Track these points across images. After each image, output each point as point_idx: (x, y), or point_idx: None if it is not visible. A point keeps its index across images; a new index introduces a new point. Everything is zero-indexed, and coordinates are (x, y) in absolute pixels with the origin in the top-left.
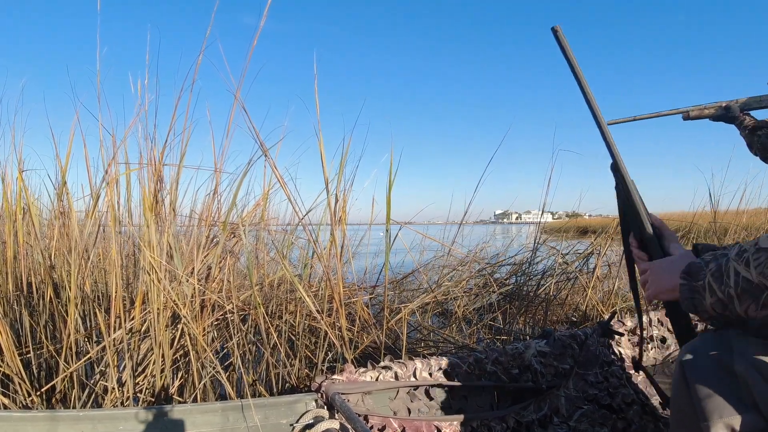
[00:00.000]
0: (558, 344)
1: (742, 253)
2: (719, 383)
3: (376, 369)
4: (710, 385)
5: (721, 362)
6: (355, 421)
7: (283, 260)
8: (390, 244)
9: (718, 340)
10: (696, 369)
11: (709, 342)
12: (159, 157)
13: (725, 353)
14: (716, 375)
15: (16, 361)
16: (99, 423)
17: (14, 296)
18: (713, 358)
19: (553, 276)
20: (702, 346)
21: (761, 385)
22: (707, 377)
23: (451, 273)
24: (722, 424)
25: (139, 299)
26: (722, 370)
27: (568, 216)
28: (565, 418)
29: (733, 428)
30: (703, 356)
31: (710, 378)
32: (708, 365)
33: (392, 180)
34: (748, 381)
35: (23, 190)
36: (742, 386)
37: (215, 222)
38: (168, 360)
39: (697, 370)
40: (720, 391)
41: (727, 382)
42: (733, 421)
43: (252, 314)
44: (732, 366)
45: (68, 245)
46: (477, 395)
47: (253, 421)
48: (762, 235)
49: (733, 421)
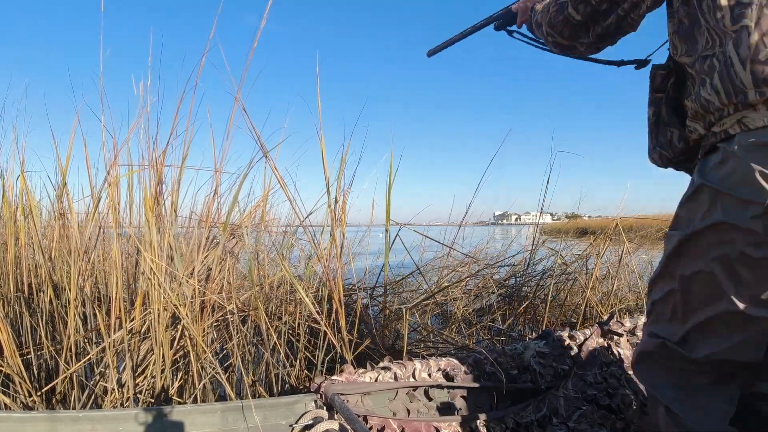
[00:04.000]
0: (557, 345)
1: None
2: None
3: (375, 370)
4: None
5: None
6: (354, 422)
7: (282, 261)
8: (390, 245)
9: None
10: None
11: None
12: (161, 158)
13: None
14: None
15: (17, 361)
16: (99, 424)
17: (15, 297)
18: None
19: (552, 277)
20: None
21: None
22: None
23: (451, 274)
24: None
25: (139, 300)
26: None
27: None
28: (564, 418)
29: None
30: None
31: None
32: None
33: (392, 180)
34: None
35: (25, 191)
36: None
37: (215, 223)
38: (168, 361)
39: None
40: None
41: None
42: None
43: (252, 315)
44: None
45: (68, 246)
46: (476, 396)
47: (252, 421)
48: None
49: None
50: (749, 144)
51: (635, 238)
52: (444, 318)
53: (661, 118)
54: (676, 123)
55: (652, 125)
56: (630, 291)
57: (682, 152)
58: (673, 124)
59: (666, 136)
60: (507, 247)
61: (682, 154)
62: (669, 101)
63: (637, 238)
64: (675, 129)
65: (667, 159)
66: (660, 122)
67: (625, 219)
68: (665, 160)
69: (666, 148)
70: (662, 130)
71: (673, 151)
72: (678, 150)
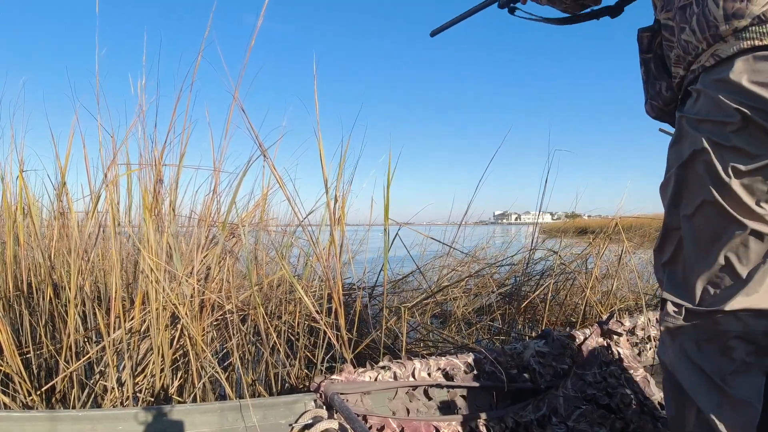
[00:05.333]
0: (556, 344)
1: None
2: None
3: (375, 369)
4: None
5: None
6: (353, 421)
7: (282, 261)
8: (389, 244)
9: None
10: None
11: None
12: (159, 157)
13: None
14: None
15: (17, 361)
16: (98, 423)
17: (14, 296)
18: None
19: (552, 276)
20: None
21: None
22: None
23: (451, 273)
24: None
25: (139, 299)
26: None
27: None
28: (563, 418)
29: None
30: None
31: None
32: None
33: (390, 178)
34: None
35: (23, 191)
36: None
37: (214, 222)
38: (167, 360)
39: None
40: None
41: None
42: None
43: (251, 314)
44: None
45: (68, 246)
46: (475, 395)
47: (251, 421)
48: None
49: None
50: (710, 81)
51: (635, 238)
52: (444, 317)
53: (651, 74)
54: (663, 76)
55: (644, 81)
56: (630, 290)
57: (671, 101)
58: (661, 77)
59: (656, 88)
60: (507, 246)
61: (671, 102)
62: (657, 59)
63: (637, 237)
64: (663, 81)
65: (658, 109)
66: (650, 77)
67: (625, 218)
68: (657, 110)
69: (656, 98)
70: (652, 83)
71: (662, 101)
72: (666, 99)
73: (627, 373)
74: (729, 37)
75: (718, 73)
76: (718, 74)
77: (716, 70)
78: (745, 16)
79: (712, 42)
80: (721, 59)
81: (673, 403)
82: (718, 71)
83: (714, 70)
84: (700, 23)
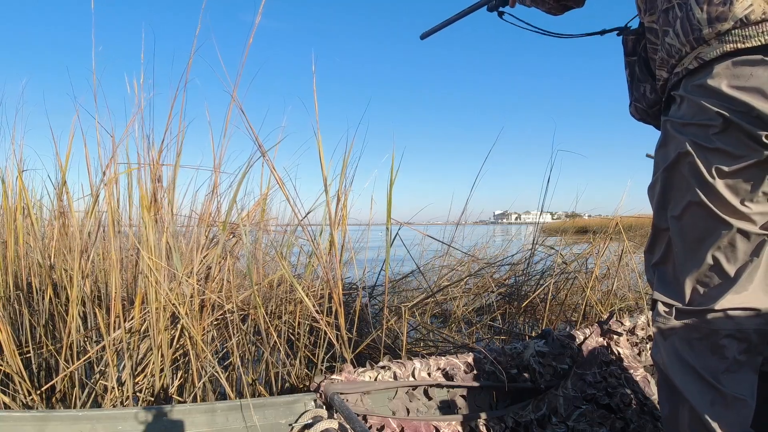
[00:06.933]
0: (557, 344)
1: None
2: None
3: (375, 369)
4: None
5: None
6: (353, 421)
7: (282, 260)
8: (390, 243)
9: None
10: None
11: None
12: (156, 156)
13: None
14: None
15: (17, 360)
16: (98, 423)
17: (14, 296)
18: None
19: (552, 276)
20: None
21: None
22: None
23: (451, 273)
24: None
25: (139, 299)
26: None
27: (567, 216)
28: (563, 417)
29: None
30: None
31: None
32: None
33: (393, 178)
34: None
35: (23, 190)
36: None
37: (214, 222)
38: (167, 360)
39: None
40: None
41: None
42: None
43: (251, 314)
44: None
45: (68, 245)
46: (475, 395)
47: (251, 420)
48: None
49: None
50: (692, 86)
51: (635, 237)
52: (444, 317)
53: (635, 76)
54: (647, 78)
55: (629, 84)
56: (630, 290)
57: (655, 103)
58: (645, 80)
59: (640, 90)
60: (507, 246)
61: (655, 104)
62: (642, 61)
63: (637, 237)
64: (647, 84)
65: (642, 111)
66: (635, 80)
67: (625, 218)
68: (641, 111)
69: (640, 101)
70: (636, 86)
71: (646, 103)
72: (650, 101)
73: (627, 372)
74: (712, 40)
75: (699, 78)
76: (699, 80)
77: (698, 75)
78: (728, 19)
79: (695, 45)
80: (704, 62)
81: (667, 402)
82: (699, 77)
83: (696, 75)
84: (684, 26)
